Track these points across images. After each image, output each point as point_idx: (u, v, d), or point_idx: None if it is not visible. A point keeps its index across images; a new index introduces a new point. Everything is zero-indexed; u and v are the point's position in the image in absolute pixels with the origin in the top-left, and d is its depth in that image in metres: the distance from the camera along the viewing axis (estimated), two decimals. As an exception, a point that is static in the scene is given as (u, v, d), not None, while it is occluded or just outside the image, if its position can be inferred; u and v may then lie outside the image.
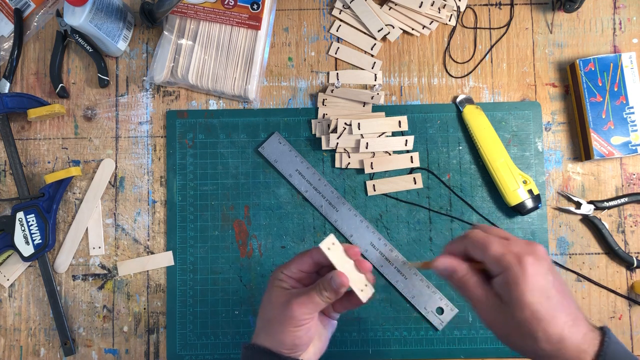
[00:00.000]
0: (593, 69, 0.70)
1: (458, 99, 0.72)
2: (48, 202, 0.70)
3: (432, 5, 0.72)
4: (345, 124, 0.70)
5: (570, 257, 0.71)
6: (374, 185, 0.71)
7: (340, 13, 0.74)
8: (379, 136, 0.71)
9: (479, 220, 0.71)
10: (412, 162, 0.71)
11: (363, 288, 0.50)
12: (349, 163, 0.71)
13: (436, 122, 0.72)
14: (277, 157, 0.71)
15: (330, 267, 0.49)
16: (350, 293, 0.50)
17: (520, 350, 0.45)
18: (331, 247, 0.49)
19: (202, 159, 0.72)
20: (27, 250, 0.69)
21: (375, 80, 0.73)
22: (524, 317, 0.43)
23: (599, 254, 0.71)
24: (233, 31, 0.72)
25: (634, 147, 0.69)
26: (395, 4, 0.72)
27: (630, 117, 0.69)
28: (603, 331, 0.44)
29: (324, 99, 0.72)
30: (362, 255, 0.70)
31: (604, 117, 0.69)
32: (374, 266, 0.70)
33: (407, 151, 0.72)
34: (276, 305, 0.49)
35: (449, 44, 0.74)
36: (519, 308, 0.43)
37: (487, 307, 0.45)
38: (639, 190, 0.72)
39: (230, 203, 0.72)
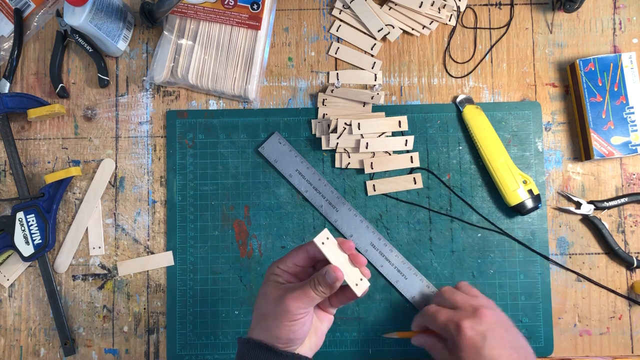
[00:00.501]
0: (593, 69, 0.70)
1: (458, 99, 0.72)
2: (48, 202, 0.70)
3: (432, 5, 0.72)
4: (345, 124, 0.70)
5: (570, 257, 0.71)
6: (374, 185, 0.71)
7: (340, 13, 0.74)
8: (379, 136, 0.71)
9: (478, 221, 0.71)
10: (412, 162, 0.71)
11: (358, 282, 0.50)
12: (349, 163, 0.71)
13: (436, 122, 0.72)
14: (277, 157, 0.71)
15: (326, 262, 0.49)
16: (345, 287, 0.50)
17: None
18: (325, 241, 0.49)
19: (202, 159, 0.72)
20: (27, 250, 0.69)
21: (375, 80, 0.73)
22: None
23: (599, 254, 0.71)
24: (233, 31, 0.72)
25: (634, 147, 0.69)
26: (395, 4, 0.72)
27: (630, 117, 0.69)
28: None
29: (324, 99, 0.72)
30: (357, 250, 0.70)
31: (604, 117, 0.69)
32: (374, 266, 0.70)
33: (407, 151, 0.72)
34: (271, 299, 0.50)
35: (449, 44, 0.74)
36: None
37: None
38: (639, 190, 0.72)
39: (230, 203, 0.72)
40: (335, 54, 0.74)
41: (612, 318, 0.70)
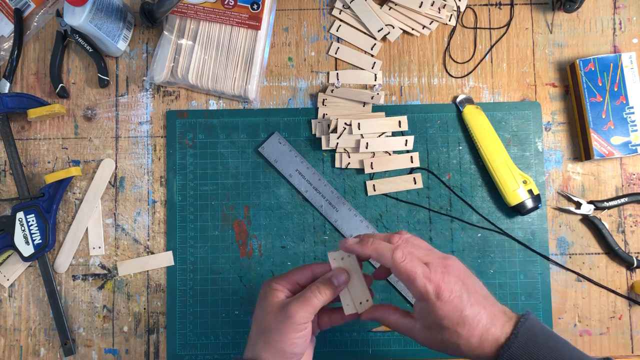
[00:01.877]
0: (593, 69, 0.70)
1: (458, 99, 0.72)
2: (48, 202, 0.70)
3: (432, 5, 0.72)
4: (345, 124, 0.70)
5: (570, 257, 0.71)
6: (374, 185, 0.71)
7: (340, 13, 0.74)
8: (379, 136, 0.71)
9: (478, 221, 0.71)
10: (412, 162, 0.71)
11: (349, 303, 0.52)
12: (349, 163, 0.71)
13: (436, 122, 0.72)
14: (277, 157, 0.71)
15: None
16: (335, 308, 0.53)
17: (453, 356, 0.49)
18: (337, 259, 0.52)
19: (202, 159, 0.72)
20: (27, 250, 0.69)
21: (375, 80, 0.73)
22: (445, 338, 0.48)
23: (599, 254, 0.71)
24: (233, 31, 0.72)
25: (634, 147, 0.69)
26: (395, 4, 0.72)
27: (630, 117, 0.69)
28: (521, 316, 0.48)
29: (324, 99, 0.72)
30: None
31: (604, 117, 0.69)
32: (374, 267, 0.70)
33: (407, 151, 0.72)
34: (272, 312, 0.50)
35: (449, 44, 0.74)
36: (440, 331, 0.48)
37: (414, 331, 0.50)
38: (639, 190, 0.72)
39: (230, 203, 0.72)
40: (335, 54, 0.74)
41: (612, 318, 0.70)
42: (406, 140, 0.71)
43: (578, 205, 0.71)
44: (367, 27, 0.73)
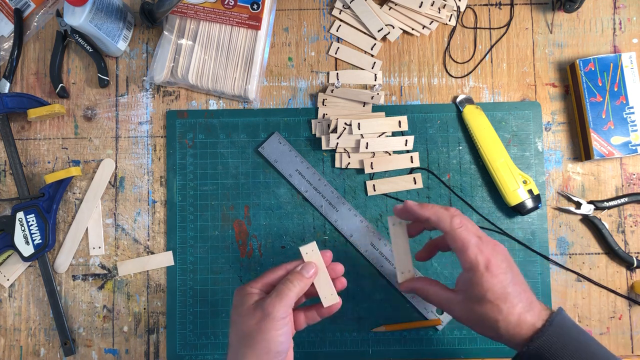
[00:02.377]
0: (593, 69, 0.70)
1: (458, 99, 0.72)
2: (48, 202, 0.70)
3: (432, 5, 0.72)
4: (345, 124, 0.70)
5: (570, 257, 0.71)
6: (374, 185, 0.71)
7: (340, 13, 0.74)
8: (379, 136, 0.71)
9: (479, 221, 0.71)
10: (412, 162, 0.71)
11: (327, 296, 0.54)
12: (349, 163, 0.71)
13: (436, 122, 0.72)
14: (277, 157, 0.71)
15: None
16: (308, 306, 0.55)
17: (486, 335, 0.52)
18: (309, 252, 0.54)
19: (202, 159, 0.72)
20: (27, 250, 0.69)
21: (375, 80, 0.73)
22: (485, 312, 0.50)
23: (599, 254, 0.71)
24: (233, 31, 0.72)
25: (634, 147, 0.69)
26: (395, 4, 0.72)
27: (630, 117, 0.69)
28: (555, 310, 0.51)
29: (324, 99, 0.72)
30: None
31: (604, 117, 0.69)
32: (374, 267, 0.70)
33: (407, 151, 0.72)
34: (250, 314, 0.50)
35: (449, 44, 0.74)
36: (482, 304, 0.50)
37: (454, 305, 0.53)
38: (639, 190, 0.72)
39: (230, 203, 0.72)
40: (335, 54, 0.74)
41: (612, 318, 0.70)
42: (406, 140, 0.71)
43: (578, 205, 0.71)
44: (367, 27, 0.73)
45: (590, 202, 0.71)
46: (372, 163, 0.71)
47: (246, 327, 0.50)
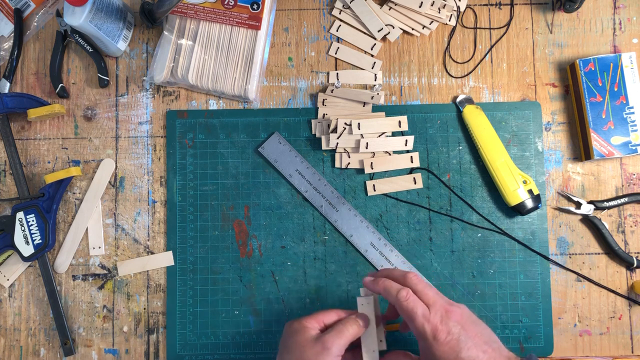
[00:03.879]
0: (593, 69, 0.70)
1: (458, 99, 0.72)
2: (48, 202, 0.70)
3: (432, 5, 0.72)
4: (345, 124, 0.70)
5: (570, 257, 0.71)
6: (374, 185, 0.71)
7: (340, 13, 0.74)
8: (379, 136, 0.71)
9: (478, 221, 0.71)
10: (412, 162, 0.71)
11: (369, 352, 0.57)
12: (349, 163, 0.71)
13: (436, 122, 0.72)
14: (277, 157, 0.71)
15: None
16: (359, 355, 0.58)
17: None
18: (365, 304, 0.58)
19: (202, 159, 0.72)
20: (27, 250, 0.69)
21: (375, 80, 0.73)
22: None
23: (599, 254, 0.71)
24: (233, 31, 0.72)
25: (634, 147, 0.69)
26: (395, 4, 0.72)
27: (630, 117, 0.69)
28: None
29: (324, 99, 0.72)
30: (357, 250, 0.70)
31: (604, 117, 0.69)
32: (374, 266, 0.70)
33: (407, 151, 0.72)
34: (309, 346, 0.54)
35: (449, 44, 0.74)
36: None
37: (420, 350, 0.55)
38: (639, 190, 0.72)
39: (230, 203, 0.72)
40: (335, 54, 0.74)
41: (612, 318, 0.70)
42: (406, 140, 0.71)
43: (578, 205, 0.71)
44: (367, 27, 0.73)
45: (590, 202, 0.71)
46: (372, 163, 0.71)
47: (304, 356, 0.53)
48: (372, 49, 0.74)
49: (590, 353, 0.70)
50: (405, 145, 0.71)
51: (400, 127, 0.71)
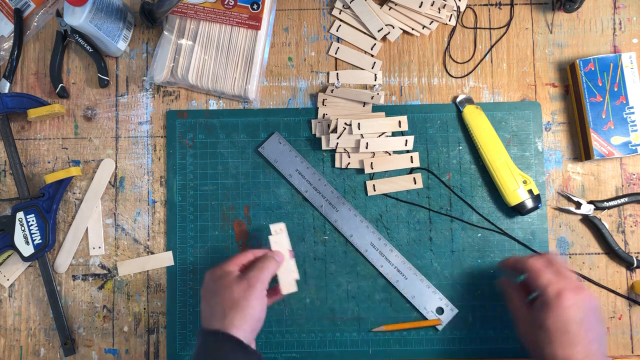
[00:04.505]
0: (593, 69, 0.70)
1: (458, 99, 0.72)
2: (48, 202, 0.70)
3: (432, 5, 0.72)
4: (345, 124, 0.70)
5: (570, 257, 0.71)
6: (374, 185, 0.71)
7: (340, 13, 0.74)
8: (379, 136, 0.71)
9: (478, 221, 0.71)
10: (412, 162, 0.71)
11: (286, 284, 0.62)
12: (349, 163, 0.71)
13: (436, 122, 0.72)
14: (277, 157, 0.71)
15: None
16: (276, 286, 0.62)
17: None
18: (277, 234, 0.63)
19: (202, 159, 0.72)
20: (27, 250, 0.69)
21: (375, 80, 0.73)
22: (541, 337, 0.53)
23: (599, 254, 0.71)
24: (233, 31, 0.72)
25: (634, 147, 0.69)
26: (395, 4, 0.72)
27: (630, 117, 0.69)
28: None
29: (324, 99, 0.72)
30: (355, 247, 0.70)
31: (604, 117, 0.69)
32: (374, 266, 0.70)
33: (407, 151, 0.72)
34: (235, 285, 0.56)
35: (449, 44, 0.74)
36: (541, 329, 0.53)
37: (522, 319, 0.57)
38: (639, 190, 0.72)
39: (230, 203, 0.72)
40: (335, 54, 0.74)
41: (612, 318, 0.70)
42: (406, 140, 0.71)
43: (578, 205, 0.71)
44: (367, 27, 0.73)
45: (590, 202, 0.71)
46: (372, 163, 0.71)
47: (234, 294, 0.56)
48: (372, 49, 0.73)
49: (590, 353, 0.70)
50: (405, 145, 0.71)
51: (400, 127, 0.71)
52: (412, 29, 0.74)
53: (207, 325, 0.56)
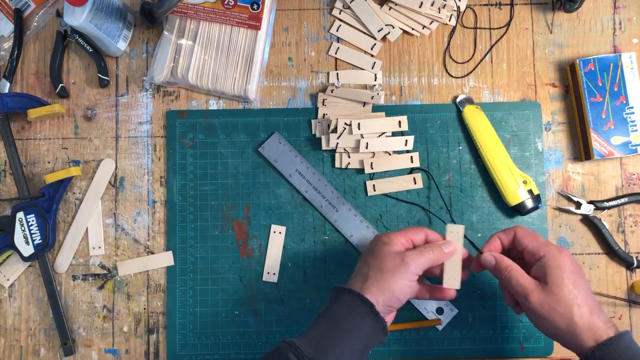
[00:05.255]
0: (593, 69, 0.70)
1: (458, 99, 0.72)
2: (48, 202, 0.70)
3: (432, 5, 0.72)
4: (345, 124, 0.70)
5: (570, 257, 0.71)
6: (374, 185, 0.71)
7: (340, 13, 0.74)
8: (379, 136, 0.71)
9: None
10: (412, 162, 0.71)
11: (450, 279, 0.58)
12: (349, 163, 0.71)
13: (436, 122, 0.72)
14: (277, 157, 0.71)
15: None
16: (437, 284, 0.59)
17: (552, 332, 0.54)
18: (454, 232, 0.59)
19: (202, 159, 0.72)
20: (27, 250, 0.69)
21: (375, 80, 0.73)
22: (563, 294, 0.52)
23: (599, 254, 0.71)
24: (233, 31, 0.72)
25: (634, 147, 0.69)
26: (395, 4, 0.72)
27: (630, 117, 0.69)
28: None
29: (324, 99, 0.72)
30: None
31: (604, 117, 0.69)
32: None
33: (407, 151, 0.72)
34: (390, 258, 0.56)
35: (449, 44, 0.74)
36: (559, 286, 0.52)
37: (532, 291, 0.54)
38: (639, 190, 0.72)
39: (230, 203, 0.72)
40: (335, 54, 0.74)
41: (612, 318, 0.70)
42: (406, 140, 0.71)
43: (578, 205, 0.71)
44: (367, 27, 0.73)
45: (590, 202, 0.71)
46: (372, 163, 0.71)
47: (383, 265, 0.55)
48: (372, 49, 0.74)
49: (590, 353, 0.70)
50: (405, 145, 0.71)
51: (400, 127, 0.71)
52: (412, 29, 0.74)
53: (350, 284, 0.56)
